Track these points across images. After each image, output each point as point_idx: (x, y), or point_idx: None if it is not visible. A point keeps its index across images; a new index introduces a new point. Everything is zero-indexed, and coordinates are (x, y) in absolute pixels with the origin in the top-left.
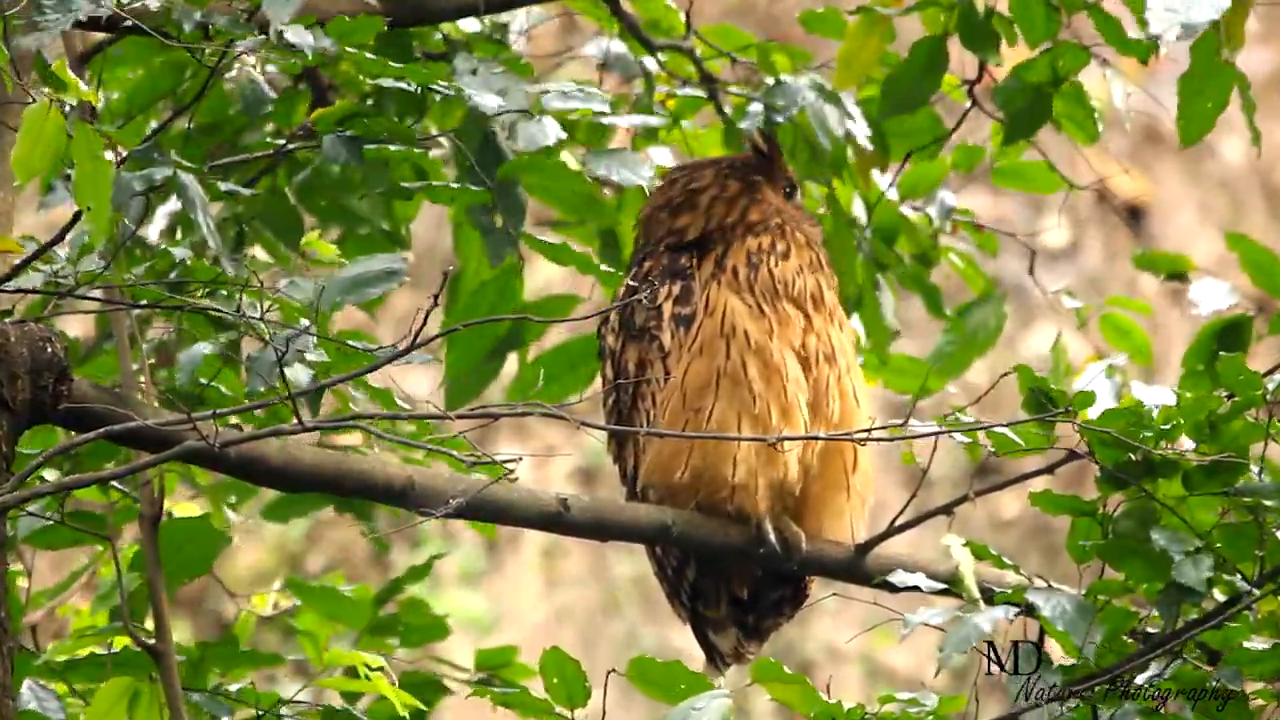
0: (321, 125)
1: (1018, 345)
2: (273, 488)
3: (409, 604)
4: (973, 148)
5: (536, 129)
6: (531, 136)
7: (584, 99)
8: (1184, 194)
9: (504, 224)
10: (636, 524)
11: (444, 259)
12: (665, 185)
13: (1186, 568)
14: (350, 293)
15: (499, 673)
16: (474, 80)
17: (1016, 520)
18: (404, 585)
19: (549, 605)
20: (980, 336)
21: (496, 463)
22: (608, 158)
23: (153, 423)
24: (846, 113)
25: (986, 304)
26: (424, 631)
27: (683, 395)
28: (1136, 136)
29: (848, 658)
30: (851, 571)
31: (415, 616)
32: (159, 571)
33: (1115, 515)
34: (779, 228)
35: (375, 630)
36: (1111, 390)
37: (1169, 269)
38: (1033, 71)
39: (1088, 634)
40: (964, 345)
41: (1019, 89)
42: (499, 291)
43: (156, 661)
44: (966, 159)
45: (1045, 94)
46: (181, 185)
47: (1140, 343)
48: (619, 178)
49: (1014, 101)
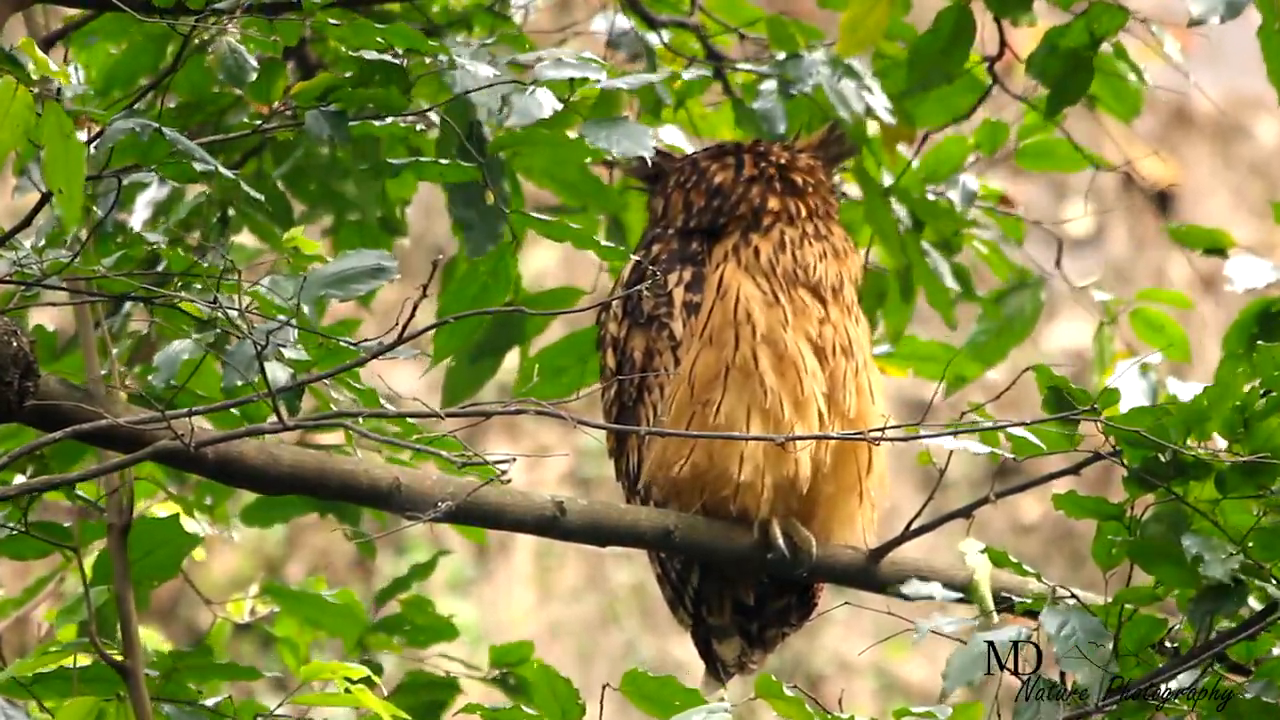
0: (303, 100)
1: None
2: (251, 490)
3: (413, 603)
4: (997, 123)
5: (530, 101)
6: (525, 109)
7: (580, 68)
8: (1216, 178)
9: (494, 203)
10: (637, 528)
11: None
12: (682, 165)
13: (1214, 564)
14: (336, 287)
15: (515, 670)
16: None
17: (1039, 524)
18: (409, 583)
19: (543, 615)
20: (1017, 324)
21: (488, 463)
22: (608, 128)
23: (124, 421)
24: (866, 86)
25: (1022, 290)
26: (430, 632)
27: (690, 387)
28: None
29: (860, 670)
30: (864, 578)
31: (420, 616)
32: (128, 584)
33: (1144, 519)
34: (805, 212)
35: (379, 630)
36: (1145, 389)
37: (1206, 244)
38: (1068, 36)
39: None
40: (999, 333)
41: (1055, 55)
42: (491, 273)
43: (124, 679)
44: (990, 138)
45: (1084, 58)
46: (172, 139)
47: (1176, 337)
48: (620, 150)
49: (1050, 69)
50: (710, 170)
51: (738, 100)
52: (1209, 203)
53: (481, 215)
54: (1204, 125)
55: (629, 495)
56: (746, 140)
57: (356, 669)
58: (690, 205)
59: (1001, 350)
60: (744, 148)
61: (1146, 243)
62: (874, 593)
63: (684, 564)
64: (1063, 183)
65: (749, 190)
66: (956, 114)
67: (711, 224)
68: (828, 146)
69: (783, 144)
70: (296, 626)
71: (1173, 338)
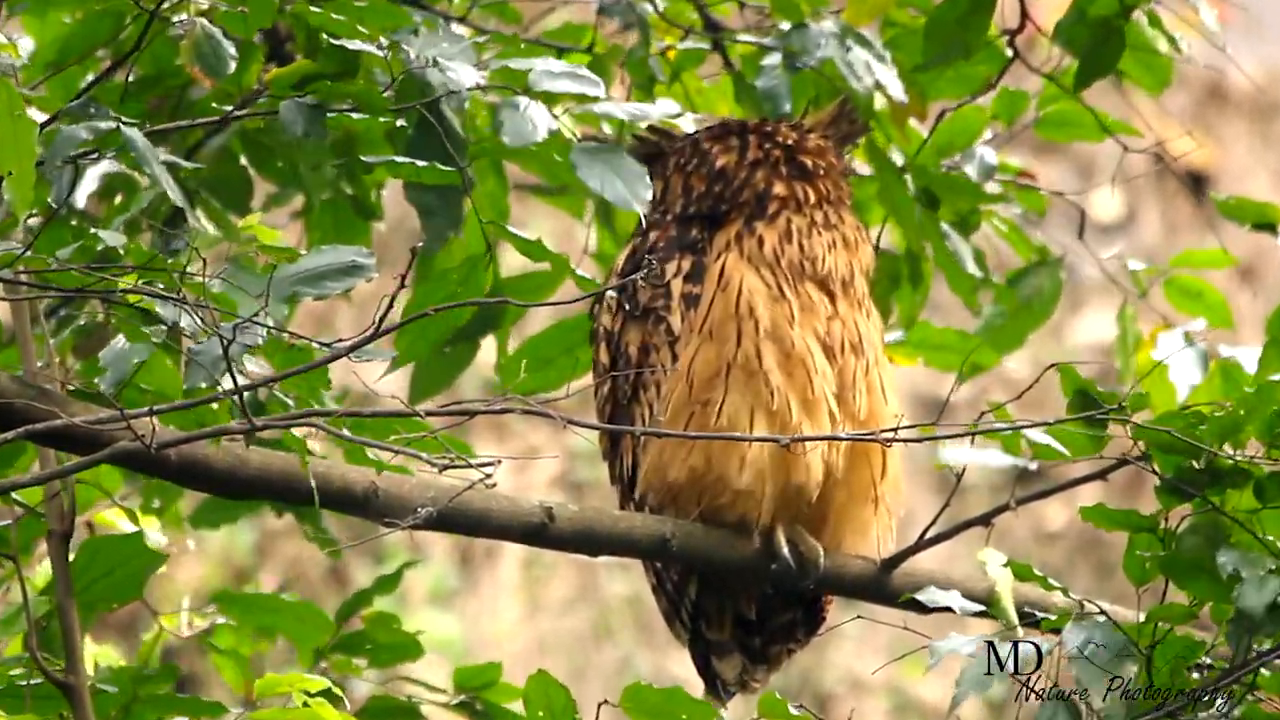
0: (277, 88)
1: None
2: (216, 494)
3: (376, 619)
4: (1016, 92)
5: (523, 121)
6: (518, 131)
7: (576, 82)
8: (1254, 158)
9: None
10: (631, 536)
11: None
12: (682, 146)
13: (1249, 592)
14: (309, 285)
15: (481, 694)
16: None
17: (1064, 532)
18: (371, 598)
19: (531, 629)
20: (1035, 305)
21: (472, 465)
22: (601, 164)
23: (81, 421)
24: (879, 55)
25: (1041, 269)
26: (394, 651)
27: (689, 385)
28: (1200, 94)
29: (872, 689)
30: (876, 591)
31: (384, 634)
32: (70, 595)
33: (1179, 531)
34: (814, 199)
35: (338, 649)
36: (1197, 360)
37: (1256, 219)
38: (1098, 3)
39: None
40: (1017, 316)
41: (1083, 24)
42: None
43: (67, 696)
44: (1008, 108)
45: (1115, 27)
46: (128, 139)
47: (1215, 303)
48: (613, 195)
49: (1078, 39)
50: (712, 152)
51: (738, 74)
52: (1247, 185)
53: (442, 200)
54: (1241, 102)
55: (623, 501)
56: (751, 118)
57: (316, 680)
58: (690, 190)
59: (1019, 334)
60: (749, 127)
61: (1180, 227)
62: (887, 606)
63: (681, 574)
64: (1089, 164)
65: (753, 175)
66: (973, 89)
67: (713, 210)
68: (839, 123)
69: (790, 123)
70: (236, 639)
71: (1212, 304)
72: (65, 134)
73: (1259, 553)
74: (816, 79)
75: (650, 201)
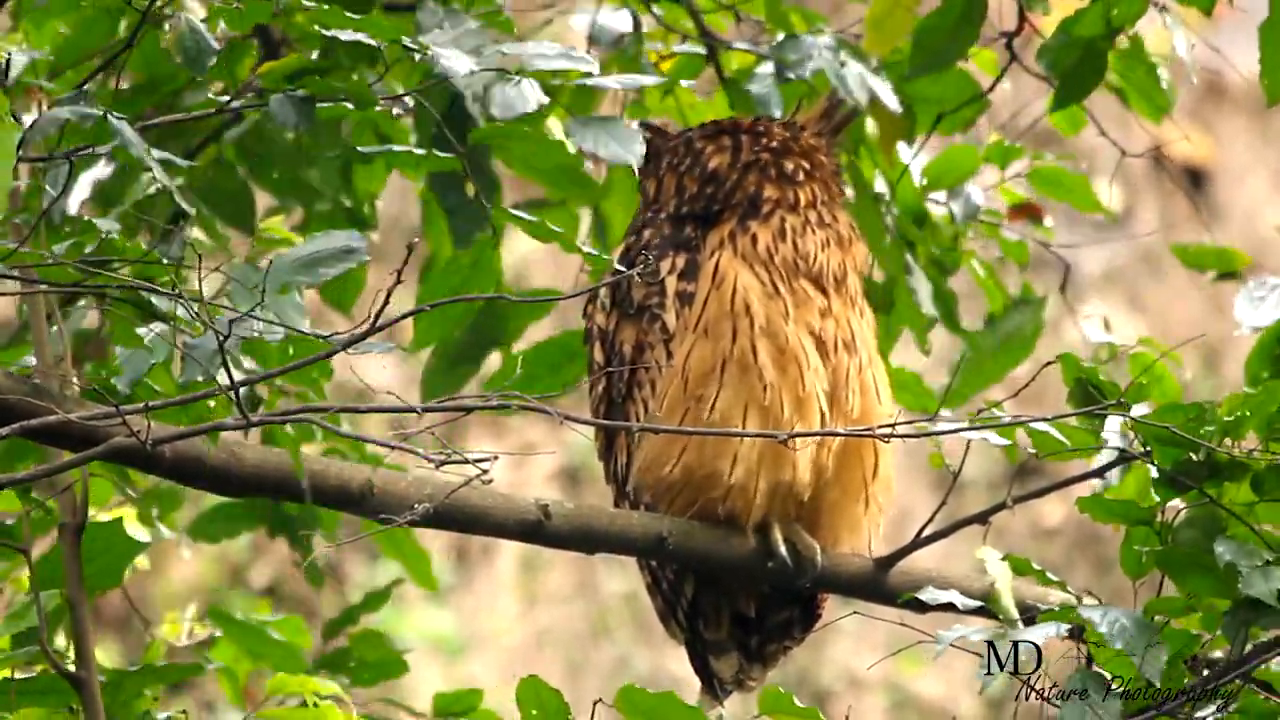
0: (268, 82)
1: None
2: (212, 491)
3: (363, 637)
4: (1010, 148)
5: (515, 93)
6: (509, 102)
7: (569, 60)
8: (1252, 156)
9: (475, 196)
10: (628, 534)
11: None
12: (676, 145)
13: (1255, 579)
14: (304, 273)
15: (463, 718)
16: (441, 36)
17: (1061, 529)
18: (358, 615)
19: (528, 626)
20: (1014, 344)
21: (469, 462)
22: (595, 128)
23: (76, 417)
24: (873, 68)
25: (1023, 308)
26: (379, 668)
27: (684, 381)
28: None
29: (870, 686)
30: (873, 589)
31: (369, 650)
32: (81, 589)
33: (1176, 525)
34: (806, 200)
35: (324, 667)
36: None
37: (1216, 266)
38: (1083, 24)
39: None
40: (991, 357)
41: (1068, 45)
42: (473, 265)
43: (78, 690)
44: (1001, 156)
45: (1098, 50)
46: (115, 129)
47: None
48: (607, 153)
49: (1062, 60)
50: (705, 153)
51: (732, 82)
52: (1245, 183)
53: (467, 201)
54: (1239, 98)
55: (618, 498)
56: (744, 118)
57: (326, 684)
58: (683, 190)
59: (998, 371)
60: (742, 127)
61: (1178, 225)
62: (885, 605)
63: (677, 573)
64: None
65: (745, 178)
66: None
67: (705, 211)
68: (830, 115)
69: (783, 122)
70: (236, 653)
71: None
72: (48, 115)
73: (1255, 544)
74: (808, 91)
75: (643, 200)
